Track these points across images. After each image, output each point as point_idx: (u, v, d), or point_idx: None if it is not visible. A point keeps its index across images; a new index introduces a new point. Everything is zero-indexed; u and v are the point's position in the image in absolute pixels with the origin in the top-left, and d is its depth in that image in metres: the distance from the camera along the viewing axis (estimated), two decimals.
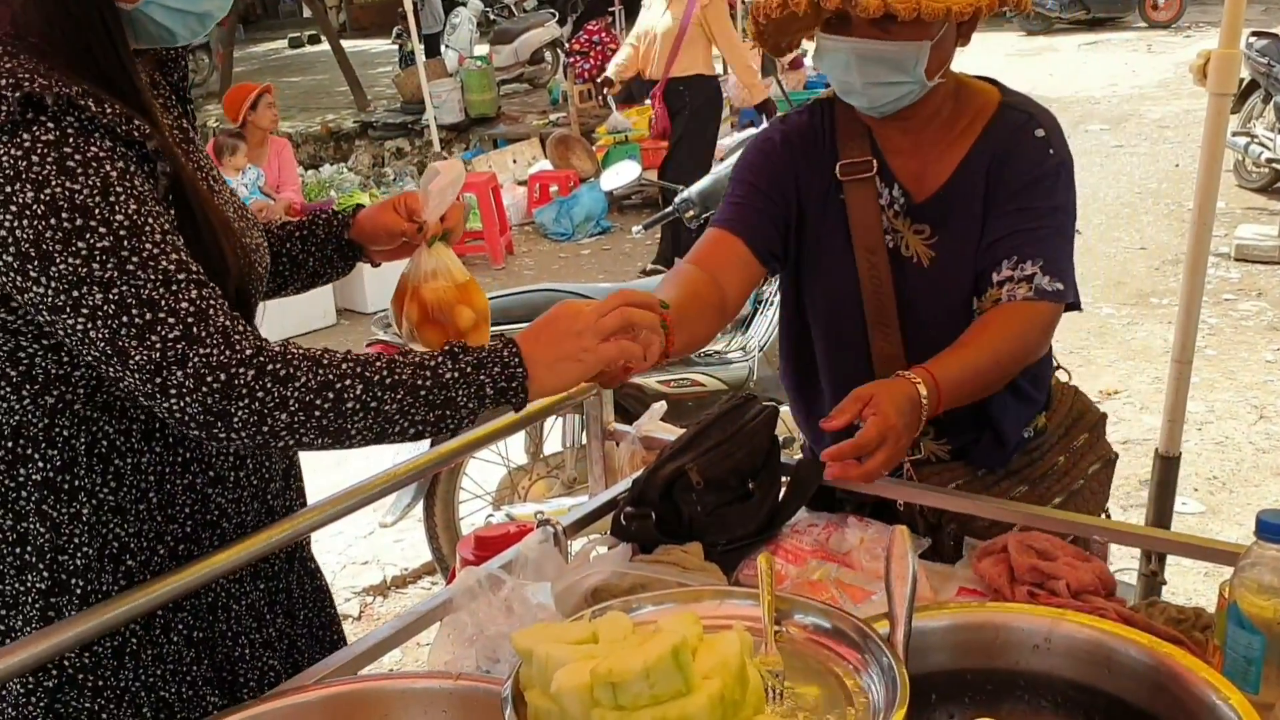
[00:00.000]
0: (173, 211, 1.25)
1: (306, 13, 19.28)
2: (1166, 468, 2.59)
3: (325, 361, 1.23)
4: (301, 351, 1.23)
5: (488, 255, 7.87)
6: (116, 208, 1.17)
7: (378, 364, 1.26)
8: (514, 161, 9.62)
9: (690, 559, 1.61)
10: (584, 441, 3.73)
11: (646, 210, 8.58)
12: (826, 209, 1.81)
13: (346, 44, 14.63)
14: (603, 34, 12.34)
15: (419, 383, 1.26)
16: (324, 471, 4.45)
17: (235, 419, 1.19)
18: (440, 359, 1.29)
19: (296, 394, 1.21)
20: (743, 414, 1.77)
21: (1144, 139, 9.92)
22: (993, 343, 1.66)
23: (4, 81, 1.15)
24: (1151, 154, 9.39)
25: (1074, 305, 1.74)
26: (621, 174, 4.65)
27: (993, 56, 14.24)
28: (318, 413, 1.22)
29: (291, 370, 1.21)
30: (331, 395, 1.22)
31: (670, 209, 4.30)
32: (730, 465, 1.70)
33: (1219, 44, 2.47)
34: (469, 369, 1.29)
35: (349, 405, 1.23)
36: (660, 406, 2.07)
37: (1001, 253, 1.69)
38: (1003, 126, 1.74)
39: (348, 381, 1.23)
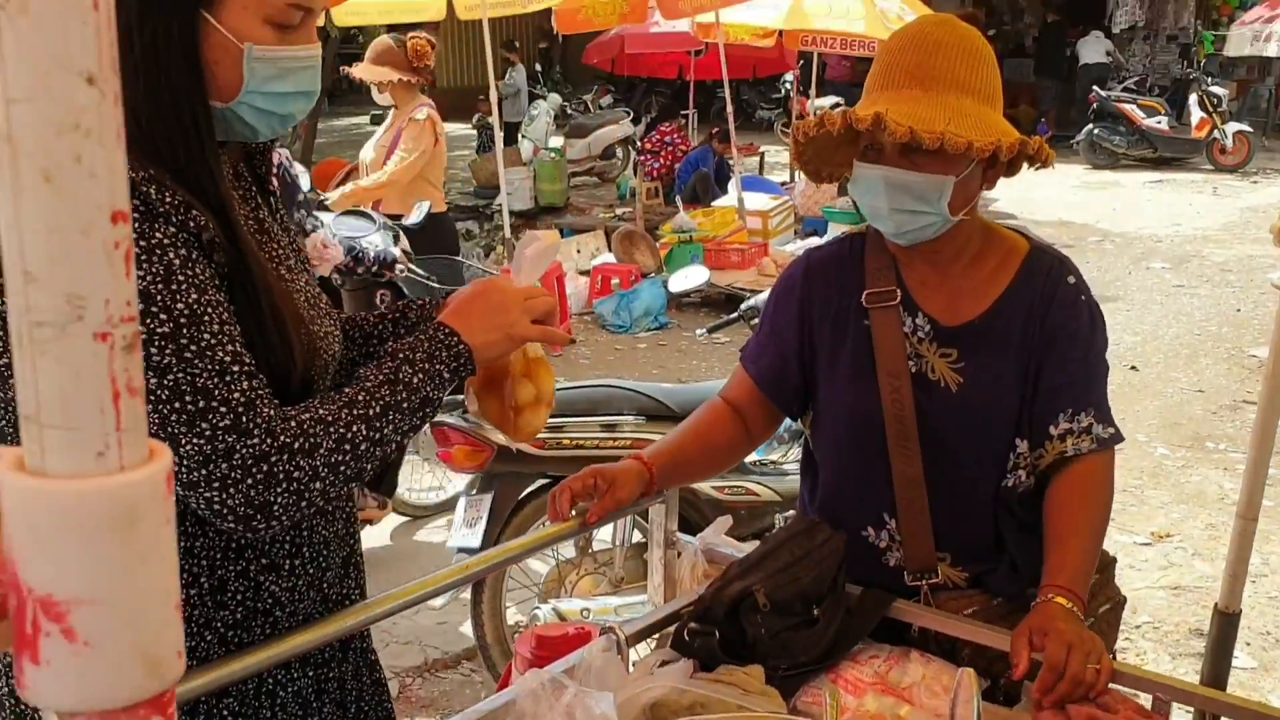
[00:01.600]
0: (233, 300, 1.28)
1: None
2: (1225, 625, 2.57)
3: (329, 418, 1.28)
4: (307, 415, 1.27)
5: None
6: (178, 296, 1.20)
7: (361, 397, 1.32)
8: (578, 251, 9.78)
9: (751, 681, 1.62)
10: (634, 540, 3.76)
11: (705, 310, 8.66)
12: (849, 334, 1.90)
13: None
14: (675, 135, 12.62)
15: (399, 399, 1.34)
16: (382, 565, 4.51)
17: (275, 506, 1.23)
18: (398, 366, 1.36)
19: (322, 459, 1.26)
20: (812, 538, 1.80)
21: (1205, 280, 9.89)
22: (1089, 520, 1.77)
23: None
24: (1213, 296, 9.36)
25: (1118, 439, 1.86)
26: (690, 278, 4.73)
27: (1058, 187, 14.34)
28: (342, 467, 1.28)
29: (313, 440, 1.26)
30: (348, 447, 1.28)
31: (736, 315, 4.36)
32: (797, 589, 1.72)
33: None
34: (425, 363, 1.38)
35: (362, 448, 1.30)
36: (725, 521, 2.09)
37: (1057, 405, 1.81)
38: (1037, 269, 1.86)
39: (355, 427, 1.29)
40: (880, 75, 1.78)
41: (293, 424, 1.25)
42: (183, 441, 1.19)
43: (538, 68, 17.54)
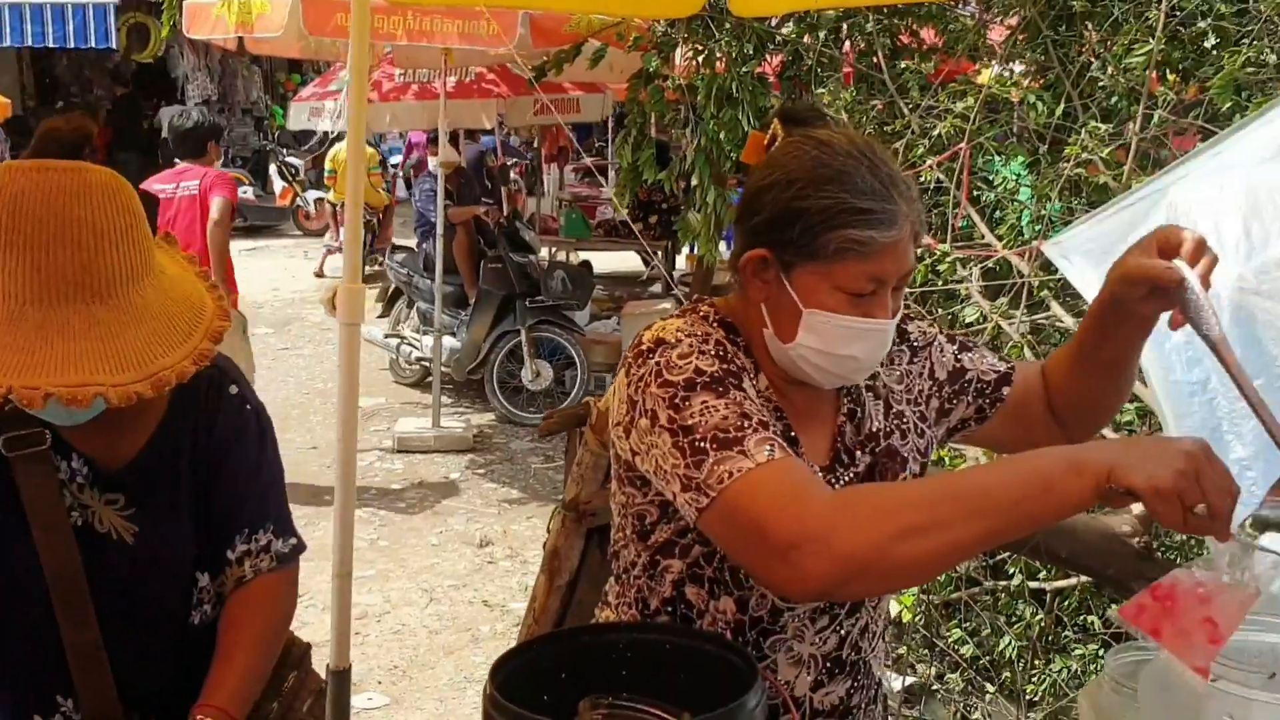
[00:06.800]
0: None
1: None
2: (339, 683, 2.62)
3: None
4: None
5: None
6: None
7: None
8: None
9: None
10: None
11: None
12: None
13: None
14: None
15: None
16: None
17: None
18: None
19: None
20: None
21: (308, 340, 10.45)
22: (259, 635, 1.69)
23: None
24: (316, 354, 9.91)
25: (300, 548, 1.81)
26: None
27: None
28: None
29: None
30: None
31: None
32: None
33: (345, 279, 2.67)
34: None
35: None
36: None
37: (232, 528, 1.70)
38: (195, 385, 1.59)
39: None
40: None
41: None
42: None
43: None
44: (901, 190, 1.42)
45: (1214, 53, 3.61)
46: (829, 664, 1.56)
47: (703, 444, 1.35)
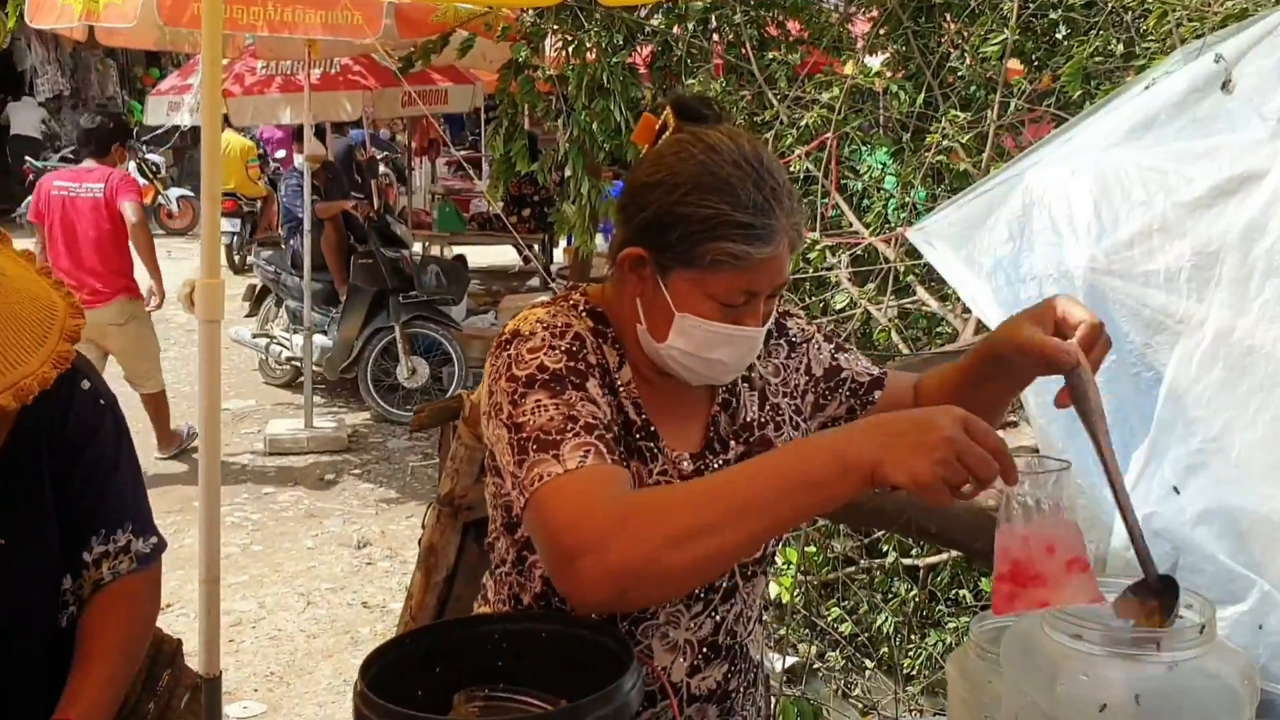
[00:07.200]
0: None
1: None
2: (211, 691, 2.56)
3: None
4: None
5: None
6: None
7: None
8: None
9: None
10: None
11: None
12: None
13: None
14: None
15: None
16: None
17: None
18: None
19: None
20: None
21: (173, 343, 10.07)
22: (118, 642, 1.65)
23: None
24: (183, 356, 9.56)
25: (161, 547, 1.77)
26: None
27: None
28: None
29: None
30: None
31: None
32: None
33: (202, 274, 2.58)
34: None
35: None
36: None
37: (88, 529, 1.65)
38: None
39: None
40: None
41: None
42: None
43: None
44: (784, 205, 1.43)
45: (1065, 43, 3.74)
46: (705, 649, 1.57)
47: (527, 443, 1.35)
